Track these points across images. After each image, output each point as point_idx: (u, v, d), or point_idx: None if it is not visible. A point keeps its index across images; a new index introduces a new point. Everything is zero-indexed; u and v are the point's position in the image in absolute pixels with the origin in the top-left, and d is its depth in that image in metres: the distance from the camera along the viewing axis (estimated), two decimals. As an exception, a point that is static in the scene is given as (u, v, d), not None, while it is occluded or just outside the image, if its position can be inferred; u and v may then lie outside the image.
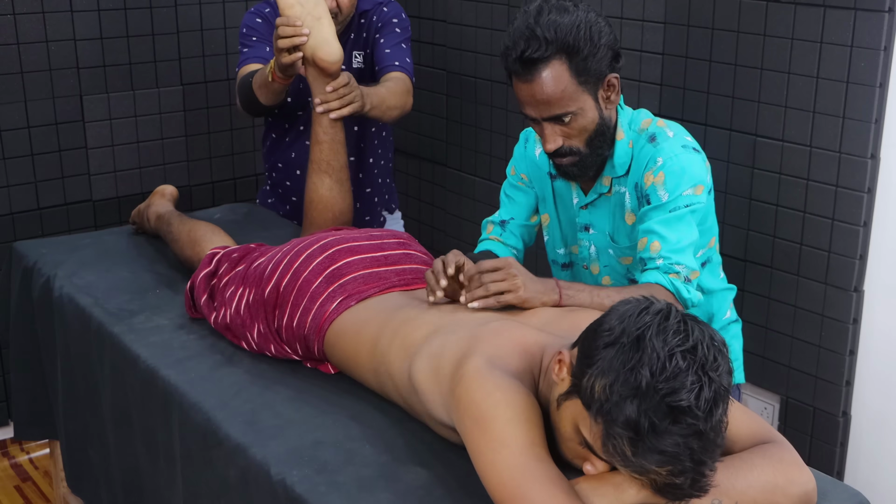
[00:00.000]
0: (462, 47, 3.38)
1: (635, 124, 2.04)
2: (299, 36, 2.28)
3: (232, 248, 2.29)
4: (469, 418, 1.49)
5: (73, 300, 2.34)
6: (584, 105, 1.92)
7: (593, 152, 1.98)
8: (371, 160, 2.83)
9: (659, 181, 1.95)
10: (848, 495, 1.59)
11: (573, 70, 1.88)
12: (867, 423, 2.45)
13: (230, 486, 1.76)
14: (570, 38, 1.86)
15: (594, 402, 1.35)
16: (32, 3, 3.04)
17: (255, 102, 2.54)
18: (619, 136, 2.02)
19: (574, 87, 1.89)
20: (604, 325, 1.39)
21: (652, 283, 1.91)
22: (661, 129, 2.00)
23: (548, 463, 1.42)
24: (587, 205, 2.12)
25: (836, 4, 2.25)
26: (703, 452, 1.30)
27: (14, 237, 3.12)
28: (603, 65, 1.91)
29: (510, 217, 2.25)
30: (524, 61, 1.87)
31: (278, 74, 2.39)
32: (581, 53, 1.87)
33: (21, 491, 3.18)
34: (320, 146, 2.40)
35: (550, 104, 1.90)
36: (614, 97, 1.97)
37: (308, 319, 1.95)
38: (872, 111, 2.24)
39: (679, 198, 1.94)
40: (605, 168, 2.05)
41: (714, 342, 1.35)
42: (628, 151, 2.02)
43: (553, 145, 1.94)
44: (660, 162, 1.95)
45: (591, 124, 1.95)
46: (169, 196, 2.74)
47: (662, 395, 1.29)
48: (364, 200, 2.87)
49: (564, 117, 1.91)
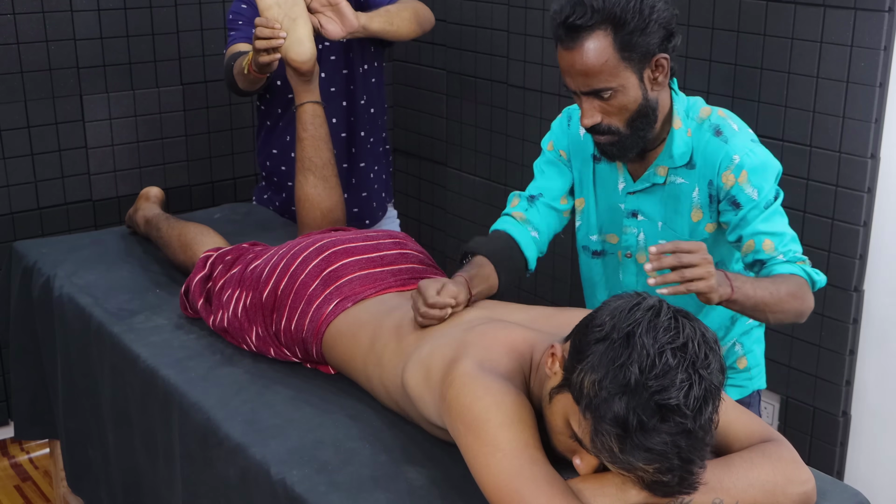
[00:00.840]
0: (462, 47, 3.38)
1: (693, 112, 1.93)
2: (276, 39, 2.29)
3: (225, 250, 2.28)
4: (461, 423, 1.48)
5: (73, 300, 2.34)
6: (626, 82, 1.81)
7: (634, 134, 1.87)
8: (363, 164, 2.82)
9: (743, 180, 1.85)
10: (848, 495, 1.59)
11: (617, 43, 1.78)
12: (867, 423, 2.45)
13: (230, 485, 1.76)
14: (617, 8, 1.76)
15: (583, 398, 1.35)
16: (32, 3, 3.04)
17: (236, 85, 2.59)
18: (676, 124, 1.91)
19: (616, 61, 1.78)
20: (595, 319, 1.39)
21: (787, 274, 1.82)
22: (725, 122, 1.90)
23: (543, 464, 1.41)
24: (636, 191, 2.00)
25: (836, 4, 2.25)
26: (691, 451, 1.30)
27: (14, 237, 3.12)
28: (652, 42, 1.80)
29: (539, 192, 2.11)
30: (568, 27, 1.78)
31: (254, 69, 2.41)
32: (627, 26, 1.77)
33: (21, 491, 3.18)
34: (302, 143, 2.41)
35: (589, 76, 1.80)
36: (662, 79, 1.85)
37: (306, 322, 1.95)
38: (872, 111, 2.24)
39: (769, 191, 1.86)
40: (661, 157, 1.94)
41: (706, 339, 1.34)
42: (688, 141, 1.91)
43: (590, 121, 1.85)
44: (736, 160, 1.85)
45: (632, 103, 1.83)
46: (154, 198, 2.72)
47: (651, 393, 1.28)
48: (361, 204, 2.86)
49: (603, 93, 1.81)
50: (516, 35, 3.17)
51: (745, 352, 2.09)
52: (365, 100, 2.76)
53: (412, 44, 3.46)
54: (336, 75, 2.68)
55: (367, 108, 2.77)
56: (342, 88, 2.71)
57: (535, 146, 3.20)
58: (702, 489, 1.36)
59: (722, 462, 1.45)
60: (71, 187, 3.25)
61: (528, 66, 3.15)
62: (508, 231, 2.08)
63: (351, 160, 2.79)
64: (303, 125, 2.40)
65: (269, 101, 2.76)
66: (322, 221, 2.41)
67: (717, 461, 1.45)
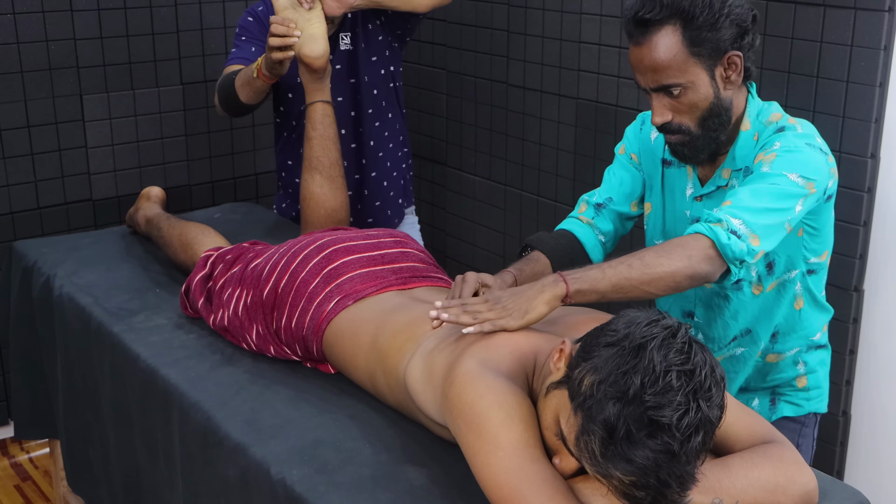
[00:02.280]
0: (462, 47, 3.38)
1: (764, 116, 1.87)
2: (290, 36, 2.29)
3: (226, 249, 2.28)
4: (462, 421, 1.48)
5: (73, 299, 2.34)
6: (696, 79, 1.77)
7: (706, 134, 1.82)
8: (374, 174, 2.81)
9: (768, 160, 1.77)
10: (848, 495, 1.59)
11: (687, 39, 1.74)
12: (867, 422, 2.45)
13: (230, 485, 1.76)
14: (686, 2, 1.73)
15: (579, 395, 1.34)
16: (32, 3, 3.04)
17: (234, 99, 2.54)
18: (745, 126, 1.86)
19: (685, 57, 1.75)
20: (610, 325, 1.39)
21: (689, 234, 1.72)
22: (792, 126, 1.83)
23: (543, 463, 1.41)
24: (702, 196, 1.94)
25: (836, 4, 2.25)
26: (670, 474, 1.28)
27: (14, 237, 3.12)
28: (723, 38, 1.75)
29: (608, 197, 2.07)
30: (637, 21, 1.75)
31: (264, 72, 2.40)
32: (696, 21, 1.73)
33: (21, 490, 3.18)
34: (310, 143, 2.40)
35: (657, 72, 1.76)
36: (735, 77, 1.79)
37: (306, 320, 1.95)
38: (872, 111, 2.24)
39: (781, 176, 1.73)
40: (727, 159, 1.89)
41: (714, 373, 1.33)
42: (753, 144, 1.85)
43: (660, 118, 1.81)
44: (777, 146, 1.78)
45: (703, 101, 1.79)
46: (155, 198, 2.73)
47: (647, 407, 1.28)
48: (375, 213, 2.85)
49: (673, 89, 1.77)
50: (516, 35, 3.17)
51: (807, 371, 2.03)
52: (373, 109, 2.74)
53: (412, 44, 3.45)
54: (342, 84, 2.67)
55: (374, 118, 2.75)
56: (349, 99, 2.69)
57: (536, 146, 3.20)
58: (701, 489, 1.36)
59: (722, 462, 1.45)
60: (71, 187, 3.25)
61: (528, 66, 3.15)
62: (574, 231, 2.06)
63: (362, 170, 2.79)
64: (312, 124, 2.40)
65: (283, 113, 2.76)
66: (326, 221, 2.42)
67: (717, 461, 1.45)
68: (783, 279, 1.93)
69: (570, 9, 2.96)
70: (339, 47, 2.65)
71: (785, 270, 1.92)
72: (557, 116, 3.09)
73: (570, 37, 2.98)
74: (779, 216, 1.73)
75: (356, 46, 2.66)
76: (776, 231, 1.73)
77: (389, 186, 2.84)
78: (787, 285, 1.94)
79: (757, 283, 1.94)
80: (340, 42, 2.66)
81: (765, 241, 1.72)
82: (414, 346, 1.72)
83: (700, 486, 1.35)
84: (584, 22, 2.92)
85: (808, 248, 1.91)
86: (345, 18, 2.67)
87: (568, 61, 3.00)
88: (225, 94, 2.57)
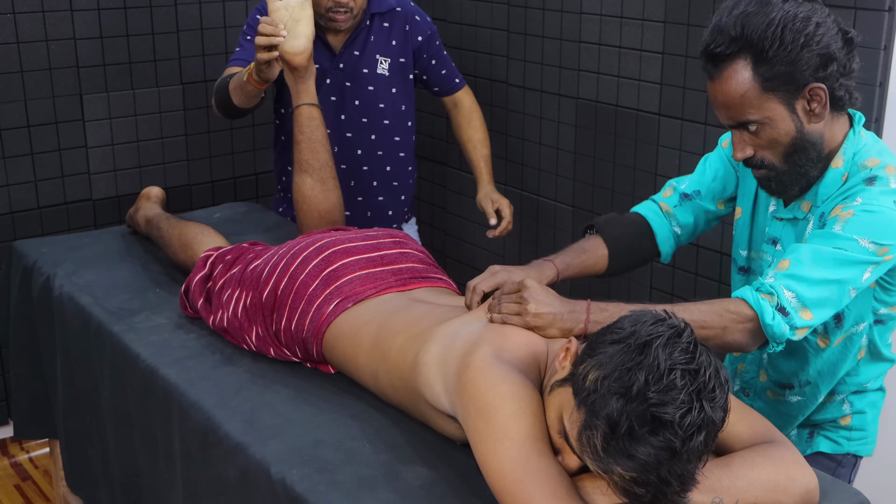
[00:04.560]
0: (462, 47, 3.38)
1: (860, 157, 1.73)
2: (276, 36, 2.30)
3: (225, 249, 2.28)
4: (473, 407, 1.49)
5: (73, 299, 2.34)
6: (773, 115, 1.66)
7: (793, 169, 1.72)
8: (375, 183, 2.82)
9: (843, 217, 1.65)
10: (848, 495, 1.59)
11: (759, 73, 1.64)
12: (867, 422, 2.45)
13: (230, 485, 1.76)
14: (755, 35, 1.62)
15: (582, 391, 1.35)
16: (32, 3, 3.04)
17: (229, 102, 2.56)
18: (837, 163, 1.74)
19: (758, 92, 1.65)
20: (617, 323, 1.40)
21: (736, 298, 1.65)
22: (887, 177, 1.69)
23: (549, 458, 1.42)
24: (782, 218, 1.85)
25: (836, 4, 2.25)
26: (670, 472, 1.29)
27: (14, 236, 3.12)
28: (802, 71, 1.63)
29: (696, 190, 1.98)
30: (708, 56, 1.68)
31: (254, 77, 2.40)
32: (767, 55, 1.62)
33: (21, 490, 3.18)
34: (298, 146, 2.40)
35: (731, 108, 1.68)
36: (819, 109, 1.67)
37: (306, 322, 1.95)
38: (872, 111, 2.24)
39: (850, 241, 1.63)
40: (810, 192, 1.78)
41: (718, 375, 1.33)
42: (839, 185, 1.73)
43: (741, 154, 1.72)
44: (857, 202, 1.66)
45: (783, 137, 1.68)
46: (155, 198, 2.72)
47: (650, 404, 1.28)
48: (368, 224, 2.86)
49: (749, 125, 1.68)
50: (516, 35, 3.17)
51: (853, 411, 1.92)
52: (366, 121, 2.76)
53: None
54: (324, 102, 2.68)
55: (369, 132, 2.77)
56: (333, 116, 2.72)
57: (536, 146, 3.20)
58: (701, 488, 1.36)
59: (722, 461, 1.45)
60: (71, 187, 3.25)
61: (528, 66, 3.15)
62: (648, 219, 2.00)
63: (357, 182, 2.80)
64: (299, 128, 2.39)
65: (283, 115, 2.77)
66: (320, 222, 2.41)
67: (717, 461, 1.45)
68: (850, 332, 1.83)
69: (570, 9, 2.96)
70: (376, 70, 2.72)
71: (854, 324, 1.82)
72: (557, 116, 3.09)
73: (570, 37, 2.98)
74: (839, 287, 1.65)
75: (391, 72, 2.75)
76: (833, 303, 1.66)
77: (387, 201, 2.87)
78: (854, 338, 1.84)
79: (824, 334, 1.83)
80: (378, 66, 2.72)
81: (818, 314, 1.65)
82: (427, 336, 1.72)
83: (700, 486, 1.35)
84: (584, 22, 2.92)
85: (879, 299, 1.81)
86: (384, 43, 2.71)
87: (568, 61, 3.00)
88: (220, 97, 2.59)
